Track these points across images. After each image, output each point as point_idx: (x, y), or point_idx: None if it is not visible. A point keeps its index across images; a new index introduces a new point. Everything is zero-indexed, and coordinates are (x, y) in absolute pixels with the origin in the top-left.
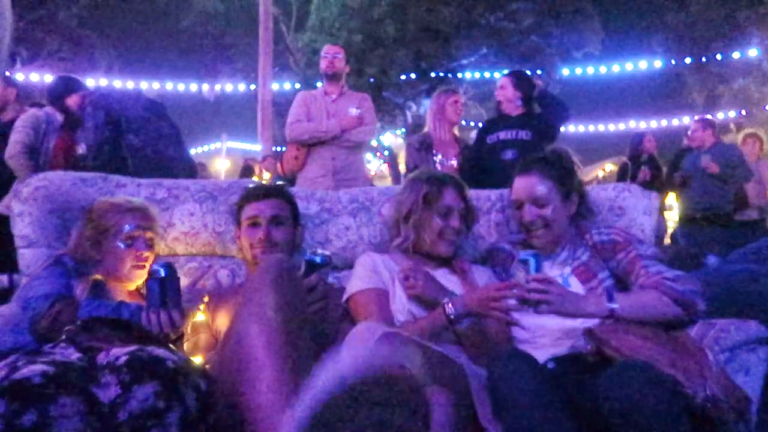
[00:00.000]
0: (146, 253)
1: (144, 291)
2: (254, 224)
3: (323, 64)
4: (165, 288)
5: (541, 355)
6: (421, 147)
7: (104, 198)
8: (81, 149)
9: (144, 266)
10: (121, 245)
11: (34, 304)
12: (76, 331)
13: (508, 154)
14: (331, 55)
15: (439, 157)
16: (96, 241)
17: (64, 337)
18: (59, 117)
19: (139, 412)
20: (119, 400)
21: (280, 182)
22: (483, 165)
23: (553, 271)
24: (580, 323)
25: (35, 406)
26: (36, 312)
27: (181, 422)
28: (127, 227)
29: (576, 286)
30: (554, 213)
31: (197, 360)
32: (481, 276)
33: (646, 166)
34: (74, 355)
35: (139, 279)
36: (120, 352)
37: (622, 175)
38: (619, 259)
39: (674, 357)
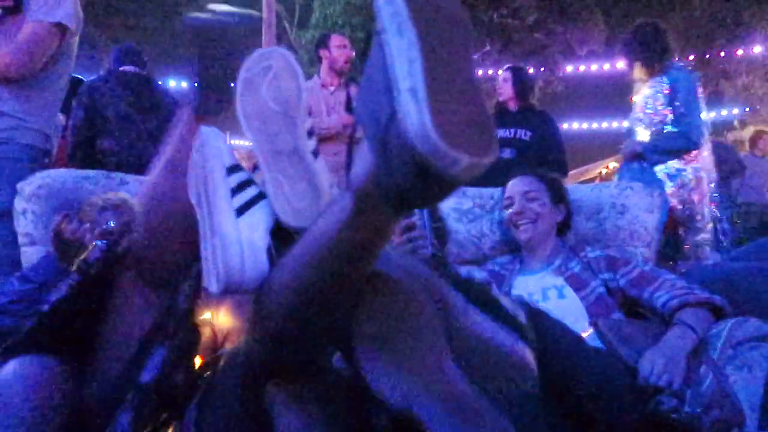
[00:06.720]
0: None
1: None
2: None
3: (343, 59)
4: None
5: None
6: None
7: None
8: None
9: None
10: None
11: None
12: None
13: (506, 153)
14: (349, 47)
15: None
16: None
17: None
18: (61, 117)
19: None
20: None
21: None
22: None
23: (546, 281)
24: None
25: None
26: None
27: None
28: (106, 225)
29: (570, 294)
30: (543, 209)
31: (196, 361)
32: None
33: None
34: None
35: None
36: None
37: None
38: (624, 273)
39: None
